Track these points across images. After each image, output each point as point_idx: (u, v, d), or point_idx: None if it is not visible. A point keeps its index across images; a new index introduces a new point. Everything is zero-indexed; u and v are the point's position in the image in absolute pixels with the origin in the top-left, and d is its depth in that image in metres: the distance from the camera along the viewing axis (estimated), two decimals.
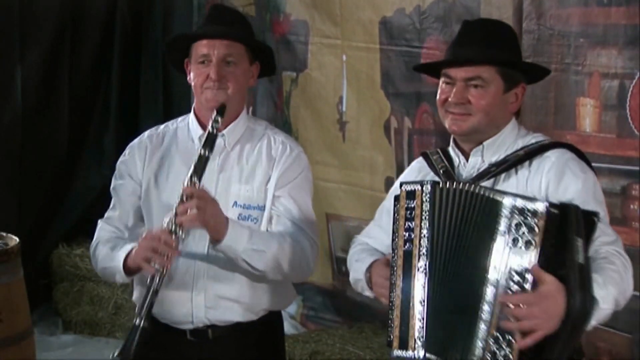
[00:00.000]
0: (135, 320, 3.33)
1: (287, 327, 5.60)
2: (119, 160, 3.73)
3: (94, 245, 3.69)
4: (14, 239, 4.04)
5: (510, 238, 2.73)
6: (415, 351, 2.89)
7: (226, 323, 3.56)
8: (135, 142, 3.73)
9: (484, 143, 3.09)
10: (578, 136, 4.50)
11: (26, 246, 4.34)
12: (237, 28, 3.56)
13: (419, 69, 3.66)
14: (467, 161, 3.12)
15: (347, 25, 6.08)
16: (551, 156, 3.01)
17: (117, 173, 3.72)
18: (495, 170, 3.03)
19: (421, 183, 2.97)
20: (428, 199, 2.92)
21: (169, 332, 3.56)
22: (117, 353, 3.31)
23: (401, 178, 3.30)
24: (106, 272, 3.62)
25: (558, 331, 2.68)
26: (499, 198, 2.80)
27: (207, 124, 3.50)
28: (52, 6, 7.38)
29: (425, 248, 2.90)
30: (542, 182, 2.96)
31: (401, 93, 5.72)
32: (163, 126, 3.75)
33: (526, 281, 2.70)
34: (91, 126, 7.79)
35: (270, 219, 3.58)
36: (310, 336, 5.88)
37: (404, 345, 2.91)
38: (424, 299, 2.89)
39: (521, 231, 2.72)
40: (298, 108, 6.63)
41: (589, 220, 2.77)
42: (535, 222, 2.70)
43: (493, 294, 2.74)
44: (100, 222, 3.74)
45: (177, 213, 3.32)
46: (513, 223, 2.74)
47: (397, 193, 3.03)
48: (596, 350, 4.51)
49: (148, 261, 3.33)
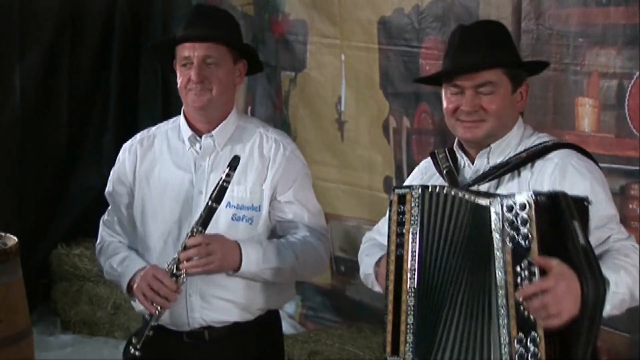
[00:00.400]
0: (129, 347, 3.43)
1: (286, 327, 5.60)
2: (115, 164, 3.74)
3: (99, 247, 3.77)
4: (13, 239, 4.03)
5: (506, 237, 2.69)
6: (405, 356, 2.88)
7: (223, 324, 3.55)
8: (127, 145, 3.73)
9: (492, 145, 3.05)
10: (577, 136, 4.49)
11: (25, 246, 4.32)
12: (219, 28, 3.53)
13: (422, 81, 3.56)
14: (471, 162, 3.09)
15: (346, 25, 6.07)
16: (554, 158, 2.98)
17: (110, 179, 3.74)
18: (496, 172, 3.00)
19: (411, 187, 2.94)
20: (417, 204, 2.89)
21: (167, 335, 3.55)
22: None
23: (408, 179, 3.27)
24: (110, 279, 3.73)
25: (579, 316, 2.62)
26: (484, 203, 2.76)
27: (196, 125, 3.57)
28: (52, 6, 7.37)
29: (415, 253, 2.87)
30: (545, 184, 2.91)
31: (400, 93, 5.71)
32: (155, 128, 3.74)
33: (533, 274, 2.65)
34: (90, 126, 7.79)
35: (276, 223, 3.60)
36: (309, 336, 5.87)
37: (396, 350, 2.90)
38: (414, 305, 2.87)
39: (515, 227, 2.67)
40: (297, 108, 6.62)
41: (580, 206, 2.73)
42: (526, 214, 2.66)
43: (504, 297, 2.68)
44: (101, 225, 3.79)
45: (181, 259, 3.37)
46: (505, 222, 2.69)
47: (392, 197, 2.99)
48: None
49: (147, 300, 3.41)
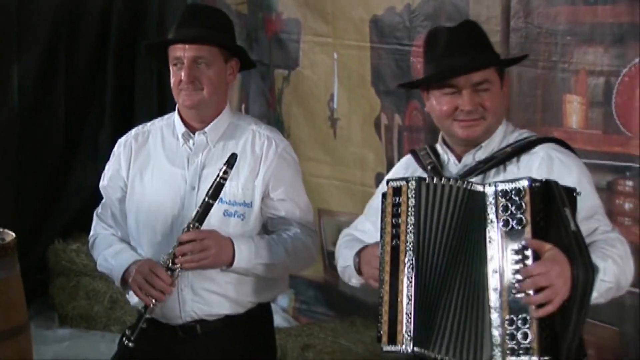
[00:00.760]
0: (123, 338, 3.44)
1: (279, 321, 5.62)
2: (110, 158, 3.75)
3: (92, 239, 3.79)
4: (11, 235, 4.03)
5: (501, 222, 2.71)
6: (403, 345, 2.87)
7: (214, 317, 3.57)
8: (122, 140, 3.75)
9: (482, 144, 3.06)
10: (565, 132, 4.49)
11: (23, 242, 4.32)
12: (209, 28, 3.53)
13: (409, 85, 3.47)
14: (457, 159, 3.10)
15: (339, 23, 6.07)
16: (539, 152, 3.00)
17: (105, 173, 3.75)
18: (483, 167, 3.01)
19: (406, 179, 2.95)
20: (414, 195, 2.90)
21: (159, 329, 3.56)
22: None
23: (389, 175, 3.27)
24: (104, 272, 3.72)
25: (570, 300, 2.65)
26: (481, 188, 2.78)
27: (189, 122, 3.59)
28: (49, 6, 7.36)
29: (411, 243, 2.87)
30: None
31: (391, 90, 5.71)
32: (150, 124, 3.75)
33: (527, 258, 2.67)
34: (87, 124, 7.79)
35: (268, 219, 3.62)
36: (302, 329, 5.88)
37: (393, 340, 2.88)
38: (412, 294, 2.86)
39: (510, 212, 2.70)
40: (290, 105, 6.62)
41: (570, 195, 2.75)
42: (521, 200, 2.68)
43: (498, 281, 2.70)
44: (95, 217, 3.81)
45: (176, 254, 3.39)
46: (500, 207, 2.72)
47: (384, 190, 3.00)
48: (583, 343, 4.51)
49: (143, 292, 3.41)
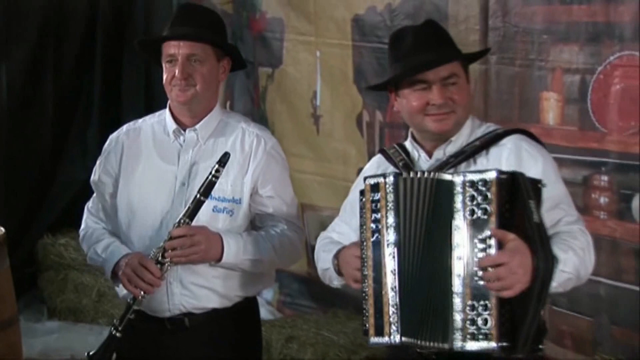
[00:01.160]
0: (111, 329, 3.44)
1: (264, 313, 5.62)
2: (101, 154, 3.75)
3: (83, 233, 3.78)
4: (0, 230, 4.02)
5: (467, 211, 2.74)
6: (391, 336, 2.88)
7: (202, 310, 3.56)
8: (113, 136, 3.74)
9: (452, 138, 3.07)
10: (542, 129, 4.51)
11: (12, 236, 4.31)
12: (204, 27, 3.54)
13: (376, 88, 3.38)
14: (428, 155, 3.11)
15: (321, 22, 6.07)
16: (507, 143, 3.02)
17: (97, 168, 3.74)
18: (454, 161, 3.02)
19: (384, 175, 2.95)
20: (392, 190, 2.90)
21: (147, 321, 3.56)
22: (92, 354, 3.45)
23: (362, 174, 3.28)
24: (95, 264, 3.73)
25: (530, 288, 2.68)
26: (449, 177, 2.80)
27: (180, 119, 3.59)
28: (37, 5, 7.35)
29: (392, 237, 2.88)
30: (503, 169, 2.96)
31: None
32: (141, 120, 3.74)
33: (490, 247, 2.70)
34: (75, 121, 7.79)
35: (255, 215, 3.62)
36: (286, 321, 5.88)
37: (380, 332, 2.90)
38: (396, 285, 2.87)
39: (476, 202, 2.72)
40: (274, 102, 6.63)
41: (535, 187, 2.77)
42: (487, 190, 2.71)
43: (462, 268, 2.73)
44: (85, 211, 3.80)
45: (166, 248, 3.40)
46: (467, 197, 2.74)
47: (361, 187, 3.01)
48: (559, 333, 4.54)
49: (132, 285, 3.41)
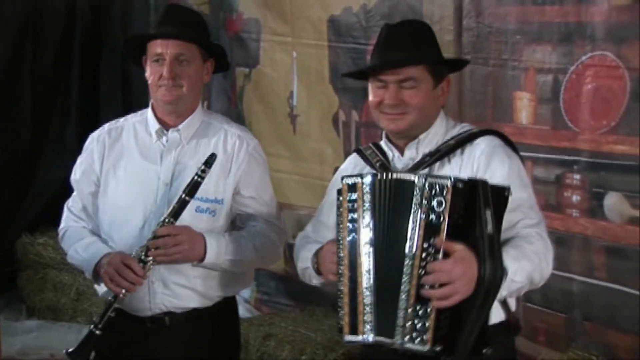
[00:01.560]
0: (91, 326, 3.41)
1: (242, 311, 5.60)
2: (82, 152, 3.72)
3: (63, 232, 3.75)
4: None
5: (422, 213, 2.75)
6: (365, 335, 2.89)
7: (183, 310, 3.55)
8: (95, 135, 3.71)
9: (420, 137, 3.09)
10: (515, 128, 4.53)
11: None
12: (191, 28, 3.54)
13: (350, 75, 3.57)
14: (402, 154, 3.12)
15: (297, 23, 6.07)
16: (481, 143, 3.03)
17: (78, 166, 3.71)
18: (429, 160, 3.04)
19: (361, 175, 2.96)
20: (369, 190, 2.91)
21: (127, 320, 3.54)
22: (70, 351, 3.41)
23: (338, 174, 3.28)
24: (74, 264, 3.70)
25: (472, 297, 2.70)
26: (412, 178, 2.82)
27: (163, 119, 3.58)
28: (15, 4, 7.30)
29: (368, 237, 2.89)
30: (473, 169, 2.98)
31: (349, 88, 5.72)
32: (123, 119, 3.72)
33: (438, 252, 2.72)
34: (53, 120, 7.76)
35: (236, 215, 3.62)
36: (264, 319, 5.87)
37: (354, 330, 2.90)
38: (370, 285, 2.88)
39: (431, 206, 2.74)
40: (251, 102, 6.62)
41: (500, 194, 2.78)
42: (443, 196, 2.72)
43: (410, 267, 2.76)
44: (65, 210, 3.76)
45: (149, 247, 3.38)
46: (424, 199, 2.76)
47: (339, 187, 3.01)
48: (533, 330, 4.55)
49: (114, 283, 3.38)
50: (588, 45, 4.23)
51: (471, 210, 2.72)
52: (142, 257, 3.38)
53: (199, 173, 3.38)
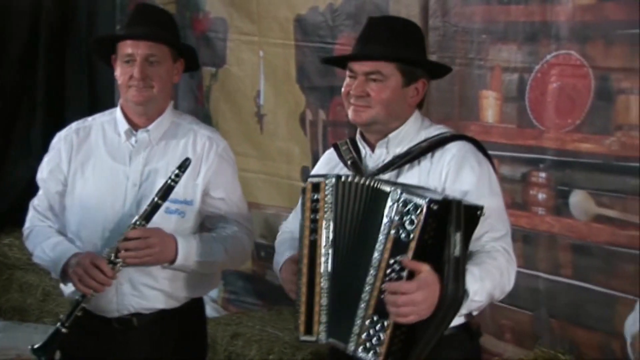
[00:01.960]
0: (58, 324, 3.37)
1: (209, 311, 5.58)
2: (49, 151, 3.68)
3: (28, 231, 3.69)
4: None
5: (393, 228, 2.73)
6: (319, 336, 2.90)
7: (150, 310, 3.53)
8: (62, 134, 3.67)
9: (389, 135, 3.07)
10: (481, 126, 4.54)
11: None
12: (161, 28, 3.51)
13: (328, 62, 3.62)
14: (372, 151, 3.10)
15: (264, 22, 6.06)
16: (452, 148, 3.00)
17: (44, 165, 3.67)
18: (399, 161, 3.02)
19: (325, 176, 2.95)
20: (331, 192, 2.90)
21: (94, 321, 3.51)
22: (36, 347, 3.37)
23: (314, 170, 3.28)
24: (41, 264, 3.65)
25: (430, 318, 2.69)
26: (387, 189, 2.79)
27: (133, 119, 3.55)
28: None
29: (329, 238, 2.89)
30: (442, 174, 2.95)
31: (316, 87, 5.72)
32: (91, 119, 3.68)
33: (403, 270, 2.70)
34: (19, 120, 7.70)
35: (206, 217, 3.60)
36: (231, 319, 5.87)
37: (310, 330, 2.91)
38: (327, 287, 2.88)
39: (403, 222, 2.71)
40: (218, 102, 6.60)
41: (472, 214, 2.75)
42: (415, 216, 2.69)
43: (373, 277, 2.74)
44: (31, 209, 3.71)
45: (119, 249, 3.35)
46: (397, 214, 2.73)
47: (304, 186, 3.00)
48: (500, 327, 4.56)
49: (83, 284, 3.34)
50: (553, 44, 4.24)
51: (442, 231, 2.69)
52: (112, 258, 3.35)
53: (173, 177, 3.35)
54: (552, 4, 4.23)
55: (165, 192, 3.36)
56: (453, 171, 2.94)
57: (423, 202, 2.68)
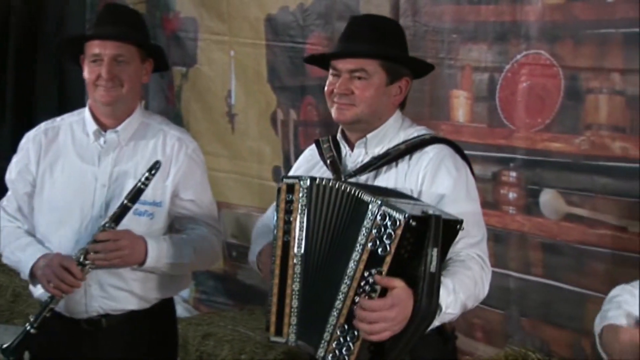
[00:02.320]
0: (26, 325, 3.35)
1: (181, 311, 5.57)
2: (17, 152, 3.65)
3: None
4: None
5: (370, 240, 2.68)
6: (288, 337, 2.88)
7: (120, 312, 3.50)
8: (31, 134, 3.64)
9: (368, 136, 3.05)
10: (452, 126, 4.54)
11: None
12: (129, 28, 3.48)
13: (309, 61, 3.54)
14: (352, 150, 3.09)
15: (234, 22, 6.04)
16: (430, 151, 2.98)
17: (13, 166, 3.64)
18: (376, 163, 3.00)
19: (300, 178, 2.92)
20: (305, 194, 2.87)
21: (63, 322, 3.48)
22: (5, 347, 3.36)
23: (294, 166, 3.28)
24: (10, 264, 3.63)
25: (402, 332, 2.66)
26: (367, 199, 2.74)
27: (101, 119, 3.53)
28: None
29: (301, 240, 2.86)
30: (419, 177, 2.94)
31: (287, 86, 5.71)
32: (59, 119, 3.66)
33: (376, 283, 2.66)
34: None
35: (175, 218, 3.58)
36: (203, 319, 5.86)
37: (280, 331, 2.89)
38: (298, 289, 2.86)
39: (380, 235, 2.66)
40: (189, 101, 6.58)
41: (451, 228, 2.71)
42: (393, 230, 2.63)
43: (347, 287, 2.71)
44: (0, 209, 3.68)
45: (89, 251, 3.32)
46: (375, 226, 2.68)
47: (279, 186, 2.97)
48: (471, 326, 4.57)
49: (52, 285, 3.32)
50: (523, 44, 4.25)
51: (419, 246, 2.64)
52: (81, 260, 3.32)
53: (143, 180, 3.33)
54: (522, 4, 4.23)
55: (134, 195, 3.34)
56: (430, 174, 2.92)
57: (401, 218, 2.62)
